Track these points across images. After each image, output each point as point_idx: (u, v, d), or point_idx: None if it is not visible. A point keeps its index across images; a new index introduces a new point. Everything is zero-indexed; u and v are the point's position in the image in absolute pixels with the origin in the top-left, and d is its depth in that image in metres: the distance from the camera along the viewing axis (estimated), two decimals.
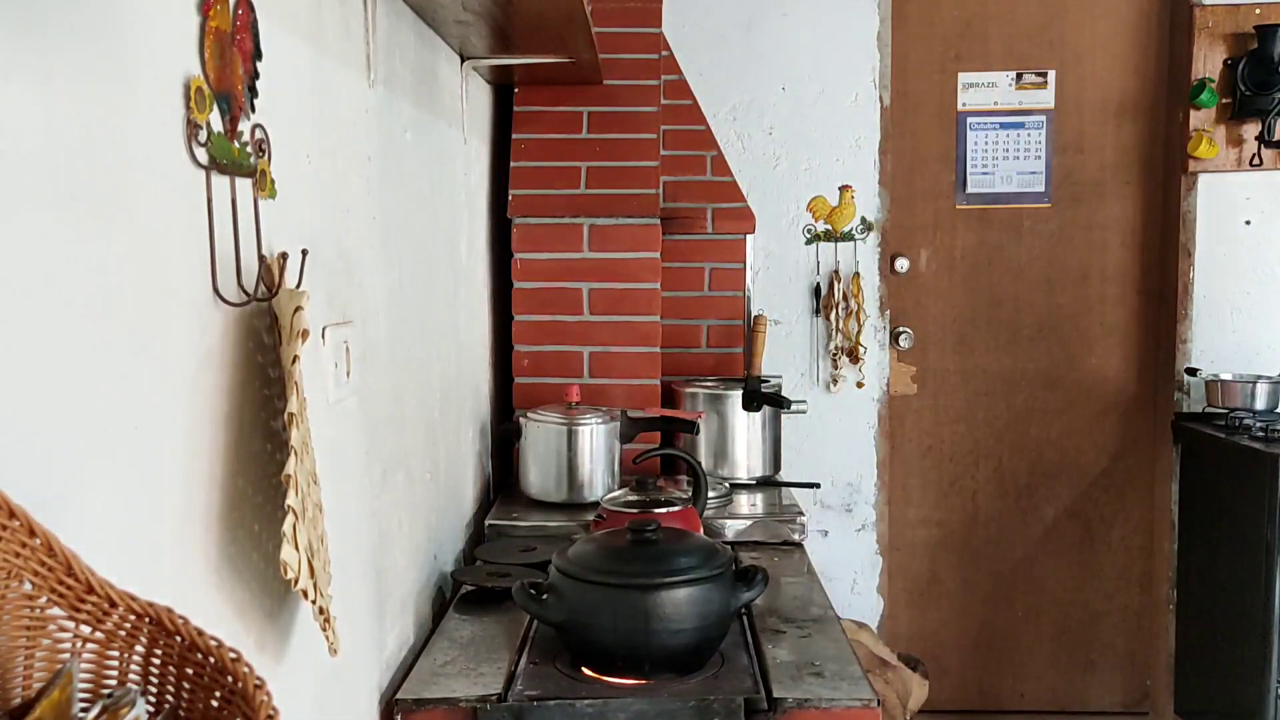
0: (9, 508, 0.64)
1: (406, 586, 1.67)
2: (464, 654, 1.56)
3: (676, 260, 2.71)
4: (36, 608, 0.68)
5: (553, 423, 2.23)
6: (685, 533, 1.64)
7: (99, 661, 0.72)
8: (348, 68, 1.39)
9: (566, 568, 1.50)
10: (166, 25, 0.90)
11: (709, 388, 2.54)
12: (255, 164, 1.04)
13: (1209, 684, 3.20)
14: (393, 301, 1.59)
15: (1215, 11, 3.24)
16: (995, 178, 3.36)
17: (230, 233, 1.00)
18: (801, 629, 1.66)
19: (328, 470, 1.19)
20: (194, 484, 0.94)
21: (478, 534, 2.22)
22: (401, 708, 1.41)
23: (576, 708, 1.38)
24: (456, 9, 1.77)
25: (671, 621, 1.44)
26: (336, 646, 1.12)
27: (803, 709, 1.40)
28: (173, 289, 0.91)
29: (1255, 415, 3.11)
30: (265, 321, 1.08)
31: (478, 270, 2.34)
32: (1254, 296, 3.37)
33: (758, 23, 3.27)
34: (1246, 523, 2.96)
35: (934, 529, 3.45)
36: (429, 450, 1.84)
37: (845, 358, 3.31)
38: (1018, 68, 3.34)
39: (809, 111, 3.28)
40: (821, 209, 3.31)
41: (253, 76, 1.04)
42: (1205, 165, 3.28)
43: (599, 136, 2.51)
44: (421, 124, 1.81)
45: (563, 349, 2.48)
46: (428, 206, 1.84)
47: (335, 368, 1.29)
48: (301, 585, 1.00)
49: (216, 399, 0.99)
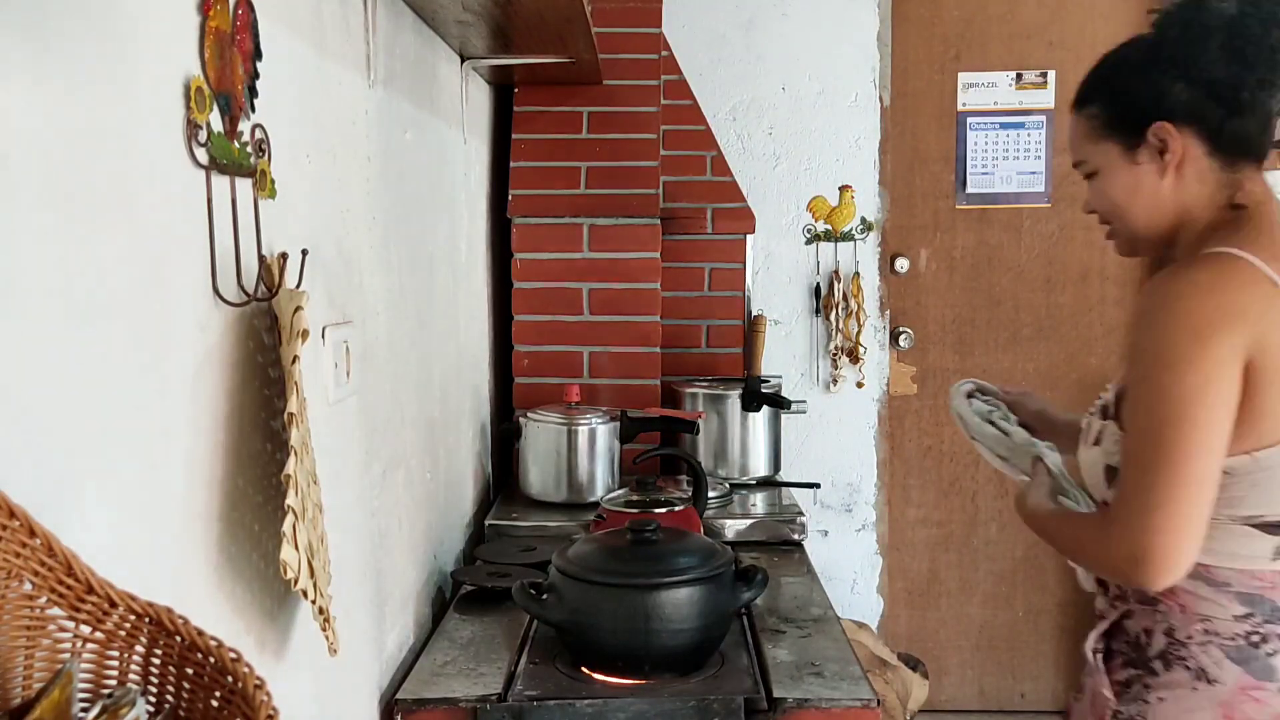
0: (9, 508, 0.64)
1: (406, 586, 1.67)
2: (464, 654, 1.56)
3: (676, 260, 2.71)
4: (36, 608, 0.68)
5: (553, 423, 2.23)
6: (685, 533, 1.64)
7: (99, 661, 0.72)
8: (348, 68, 1.39)
9: (566, 568, 1.50)
10: (166, 25, 0.90)
11: (709, 388, 2.54)
12: (255, 164, 1.04)
13: None
14: (393, 301, 1.59)
15: None
16: (995, 178, 3.35)
17: (230, 233, 1.00)
18: (801, 629, 1.66)
19: (328, 470, 1.19)
20: (194, 484, 0.94)
21: (478, 534, 2.22)
22: (401, 708, 1.41)
23: (576, 708, 1.38)
24: (456, 9, 1.77)
25: (671, 621, 1.44)
26: (336, 646, 1.12)
27: (803, 709, 1.40)
28: (173, 289, 0.91)
29: None
30: (265, 321, 1.08)
31: (478, 270, 2.34)
32: None
33: (758, 23, 3.27)
34: None
35: (934, 529, 3.45)
36: (429, 450, 1.84)
37: (845, 358, 3.31)
38: (1018, 68, 3.34)
39: (809, 111, 3.28)
40: (821, 209, 3.31)
41: (253, 76, 1.04)
42: None
43: (599, 136, 2.51)
44: (421, 124, 1.81)
45: (563, 349, 2.48)
46: (428, 206, 1.84)
47: (335, 368, 1.29)
48: (301, 585, 1.00)
49: (216, 399, 0.99)
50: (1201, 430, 1.14)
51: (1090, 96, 1.31)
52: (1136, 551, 1.15)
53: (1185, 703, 1.22)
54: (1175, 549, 1.15)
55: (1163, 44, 1.24)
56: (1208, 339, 1.14)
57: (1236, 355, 1.14)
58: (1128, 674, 1.27)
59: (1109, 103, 1.28)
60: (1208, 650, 1.22)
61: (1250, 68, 1.20)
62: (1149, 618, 1.26)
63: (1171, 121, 1.23)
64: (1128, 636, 1.29)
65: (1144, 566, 1.15)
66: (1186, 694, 1.22)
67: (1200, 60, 1.21)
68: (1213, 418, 1.14)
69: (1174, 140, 1.23)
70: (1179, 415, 1.14)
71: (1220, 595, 1.21)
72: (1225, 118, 1.22)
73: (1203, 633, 1.22)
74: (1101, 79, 1.31)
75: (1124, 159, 1.27)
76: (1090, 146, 1.31)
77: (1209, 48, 1.20)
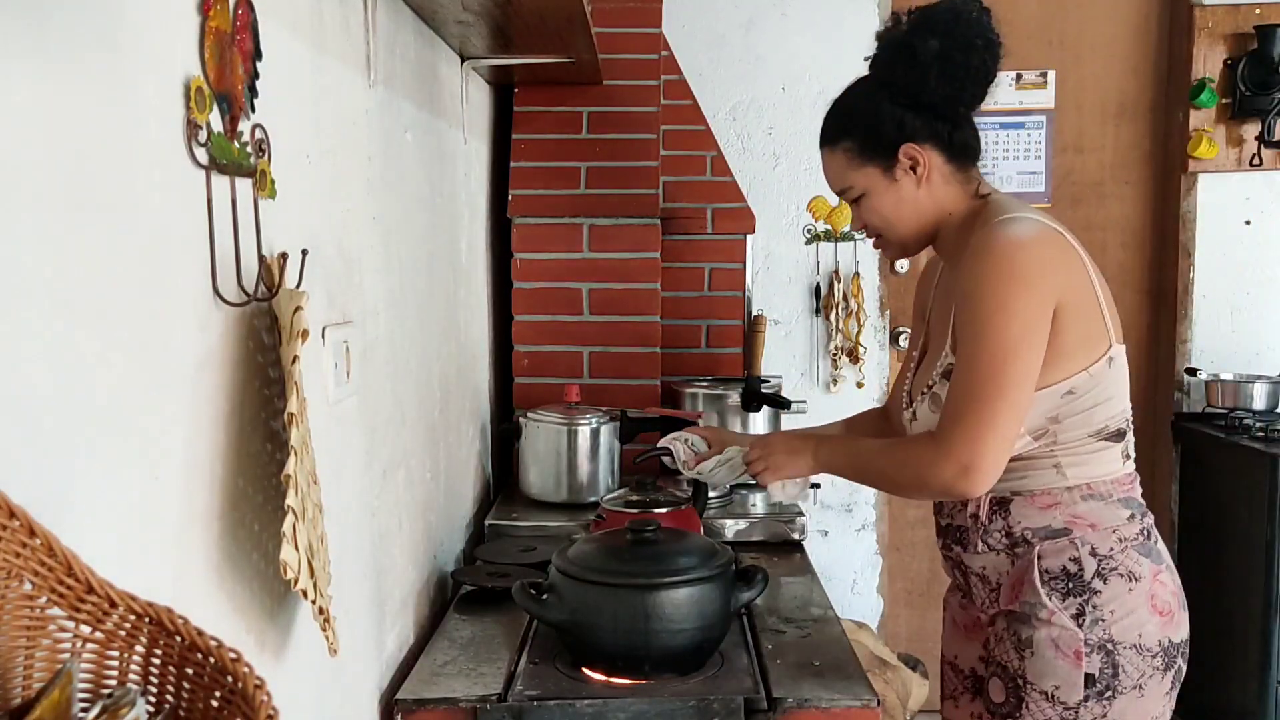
0: (9, 508, 0.64)
1: (406, 586, 1.67)
2: (464, 654, 1.56)
3: (676, 260, 2.71)
4: (36, 608, 0.68)
5: (553, 423, 2.23)
6: (685, 533, 1.64)
7: (99, 661, 0.72)
8: (348, 68, 1.39)
9: (566, 568, 1.50)
10: (166, 25, 0.90)
11: (709, 388, 2.54)
12: (255, 164, 1.04)
13: (1209, 684, 3.20)
14: (393, 301, 1.59)
15: (1215, 12, 3.24)
16: (995, 178, 3.35)
17: (230, 233, 1.00)
18: (801, 629, 1.66)
19: (328, 470, 1.19)
20: (194, 484, 0.94)
21: (478, 534, 2.22)
22: (401, 708, 1.41)
23: (576, 708, 1.39)
24: (456, 9, 1.77)
25: (671, 621, 1.44)
26: (336, 646, 1.12)
27: (803, 709, 1.40)
28: (173, 289, 0.91)
29: (1255, 415, 3.11)
30: (265, 321, 1.08)
31: (478, 270, 2.34)
32: (1253, 296, 3.37)
33: (758, 23, 3.27)
34: (1246, 523, 2.96)
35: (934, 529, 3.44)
36: (429, 450, 1.84)
37: (845, 358, 3.31)
38: (1018, 68, 3.34)
39: (809, 111, 3.28)
40: (821, 209, 3.31)
41: (253, 76, 1.04)
42: (1205, 165, 3.28)
43: (599, 136, 2.51)
44: (421, 124, 1.81)
45: (563, 349, 2.48)
46: (428, 206, 1.84)
47: (335, 368, 1.29)
48: (301, 585, 1.00)
49: (216, 399, 0.99)
50: (1025, 364, 1.37)
51: (839, 133, 1.55)
52: (968, 462, 1.37)
53: (1127, 605, 1.43)
54: (997, 461, 1.38)
55: (891, 82, 1.49)
56: (1033, 286, 1.38)
57: (1050, 301, 1.38)
58: (1075, 603, 1.44)
59: (861, 135, 1.52)
60: (1127, 553, 1.45)
61: (961, 88, 1.47)
62: (1070, 549, 1.45)
63: (914, 141, 1.49)
64: (1054, 573, 1.45)
65: (972, 475, 1.38)
66: (1125, 598, 1.43)
67: (924, 90, 1.47)
68: (1033, 355, 1.38)
69: (921, 155, 1.49)
70: (1010, 350, 1.36)
71: (1110, 507, 1.45)
72: (952, 130, 1.50)
73: (1118, 541, 1.45)
74: (844, 117, 1.55)
75: (885, 179, 1.52)
76: (853, 174, 1.54)
77: (928, 79, 1.45)
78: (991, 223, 1.44)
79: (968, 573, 1.56)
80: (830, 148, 1.56)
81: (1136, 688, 1.43)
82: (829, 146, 1.56)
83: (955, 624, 1.67)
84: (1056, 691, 1.43)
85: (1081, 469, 1.45)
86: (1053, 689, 1.43)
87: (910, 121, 1.49)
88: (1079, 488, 1.45)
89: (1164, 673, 1.45)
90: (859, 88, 1.55)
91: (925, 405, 1.54)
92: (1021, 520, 1.47)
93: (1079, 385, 1.42)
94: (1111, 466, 1.47)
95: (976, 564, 1.54)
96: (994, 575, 1.52)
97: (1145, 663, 1.43)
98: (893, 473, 1.53)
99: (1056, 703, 1.43)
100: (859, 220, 1.59)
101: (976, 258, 1.41)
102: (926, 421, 1.52)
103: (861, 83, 1.55)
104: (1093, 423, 1.44)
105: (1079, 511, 1.45)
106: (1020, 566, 1.48)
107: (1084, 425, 1.44)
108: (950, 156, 1.51)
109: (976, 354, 1.38)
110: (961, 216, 1.53)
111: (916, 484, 1.49)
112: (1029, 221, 1.43)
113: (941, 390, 1.49)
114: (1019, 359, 1.37)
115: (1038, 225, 1.43)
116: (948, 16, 1.46)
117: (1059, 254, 1.42)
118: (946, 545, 1.60)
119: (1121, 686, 1.43)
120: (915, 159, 1.50)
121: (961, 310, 1.43)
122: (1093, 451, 1.45)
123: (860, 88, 1.55)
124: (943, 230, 1.55)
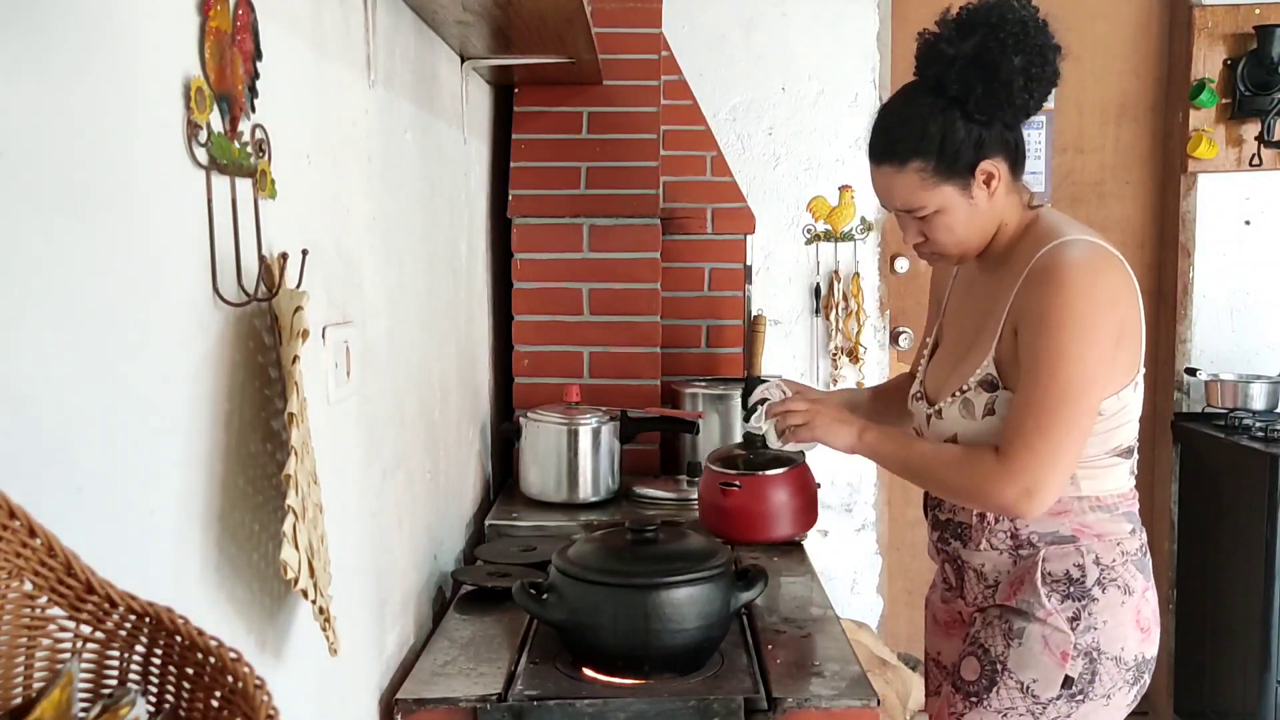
0: (10, 508, 0.64)
1: (406, 586, 1.67)
2: (464, 654, 1.56)
3: (676, 260, 2.71)
4: (37, 608, 0.68)
5: (553, 423, 2.23)
6: (685, 533, 1.64)
7: (99, 661, 0.72)
8: (348, 68, 1.39)
9: (567, 568, 1.50)
10: (166, 25, 0.90)
11: (709, 388, 2.54)
12: (255, 164, 1.04)
13: (1209, 684, 3.20)
14: (393, 301, 1.59)
15: (1215, 12, 3.24)
16: None
17: (230, 233, 1.00)
18: (801, 629, 1.66)
19: (328, 470, 1.19)
20: (194, 484, 0.94)
21: (478, 534, 2.22)
22: (401, 708, 1.41)
23: (576, 708, 1.39)
24: (456, 9, 1.77)
25: (671, 621, 1.44)
26: (336, 646, 1.12)
27: (803, 709, 1.40)
28: (173, 289, 0.91)
29: (1254, 415, 3.11)
30: (265, 321, 1.08)
31: (478, 270, 2.34)
32: (1253, 297, 3.37)
33: (758, 23, 3.27)
34: (1246, 523, 2.96)
35: None
36: (429, 450, 1.84)
37: (845, 358, 3.31)
38: None
39: (809, 111, 3.28)
40: (821, 209, 3.31)
41: (253, 77, 1.04)
42: (1205, 165, 3.28)
43: (599, 137, 2.51)
44: (421, 124, 1.81)
45: (563, 349, 2.48)
46: (428, 207, 1.84)
47: (335, 368, 1.29)
48: (301, 585, 1.00)
49: (217, 399, 0.99)
50: (1096, 395, 1.41)
51: (910, 153, 1.48)
52: (1032, 487, 1.39)
53: (1117, 617, 1.47)
54: (1060, 487, 1.42)
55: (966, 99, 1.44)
56: (1109, 318, 1.40)
57: (1119, 331, 1.42)
58: (1072, 607, 1.46)
59: (936, 155, 1.46)
60: (1126, 567, 1.48)
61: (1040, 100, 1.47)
62: (1075, 555, 1.47)
63: (989, 157, 1.47)
64: (1056, 577, 1.47)
65: (1035, 498, 1.40)
66: (1117, 610, 1.47)
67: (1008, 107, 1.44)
68: (1102, 386, 1.42)
69: (995, 169, 1.48)
70: (1087, 382, 1.39)
71: (1115, 519, 1.49)
72: (1017, 140, 1.51)
73: (1120, 554, 1.48)
74: (916, 137, 1.47)
75: (961, 197, 1.49)
76: (926, 194, 1.49)
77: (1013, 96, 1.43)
78: (1056, 245, 1.44)
79: (964, 567, 1.57)
80: (897, 167, 1.50)
81: (1105, 696, 1.48)
82: (895, 165, 1.50)
83: (936, 621, 1.69)
84: (1033, 685, 1.46)
85: (1093, 482, 1.48)
86: (1030, 681, 1.47)
87: (986, 138, 1.46)
88: (1089, 499, 1.48)
89: (1131, 686, 1.50)
90: (925, 105, 1.47)
91: (955, 408, 1.54)
92: (1029, 524, 1.49)
93: (1108, 407, 1.45)
94: (1120, 481, 1.50)
95: (975, 560, 1.54)
96: (992, 573, 1.53)
97: (1120, 674, 1.47)
98: (952, 481, 1.51)
99: (1028, 695, 1.47)
100: (915, 232, 1.55)
101: (1050, 282, 1.41)
102: (955, 424, 1.53)
103: (926, 97, 1.48)
104: (1111, 441, 1.48)
105: (1087, 521, 1.48)
106: (1023, 567, 1.49)
107: (1104, 444, 1.48)
108: (1013, 165, 1.51)
109: (1052, 381, 1.39)
110: (1015, 225, 1.53)
111: (974, 496, 1.49)
112: (1094, 246, 1.44)
113: (975, 398, 1.50)
114: (1091, 390, 1.40)
115: (1102, 250, 1.44)
116: (1018, 29, 1.42)
117: (1126, 283, 1.44)
118: (944, 539, 1.61)
119: (1093, 693, 1.47)
120: (991, 173, 1.48)
121: (1037, 334, 1.41)
122: (1106, 467, 1.49)
123: (927, 104, 1.47)
124: (997, 238, 1.54)
